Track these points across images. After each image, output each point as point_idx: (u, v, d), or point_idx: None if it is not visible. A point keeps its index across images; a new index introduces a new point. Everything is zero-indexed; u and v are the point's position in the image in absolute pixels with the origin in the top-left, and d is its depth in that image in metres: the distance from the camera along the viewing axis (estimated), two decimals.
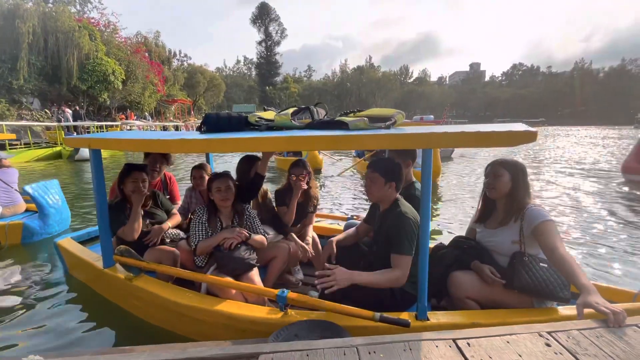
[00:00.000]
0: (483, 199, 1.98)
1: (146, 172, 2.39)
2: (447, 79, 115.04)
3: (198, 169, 2.84)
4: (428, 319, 1.58)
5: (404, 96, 77.83)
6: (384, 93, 73.92)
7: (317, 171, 11.24)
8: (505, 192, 1.81)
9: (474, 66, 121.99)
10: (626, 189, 6.87)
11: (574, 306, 1.63)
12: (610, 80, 75.27)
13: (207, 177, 2.72)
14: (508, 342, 1.19)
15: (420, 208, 1.55)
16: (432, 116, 17.17)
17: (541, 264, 1.69)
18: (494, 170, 1.83)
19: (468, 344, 1.18)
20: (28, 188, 3.81)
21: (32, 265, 3.28)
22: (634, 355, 1.09)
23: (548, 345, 1.16)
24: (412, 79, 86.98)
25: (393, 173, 1.86)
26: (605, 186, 7.19)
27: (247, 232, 2.13)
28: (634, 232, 4.19)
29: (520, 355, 1.11)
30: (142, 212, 2.36)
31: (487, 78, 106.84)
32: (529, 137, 1.18)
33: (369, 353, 1.14)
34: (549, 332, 1.23)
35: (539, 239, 1.68)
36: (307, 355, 1.14)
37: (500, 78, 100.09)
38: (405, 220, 1.76)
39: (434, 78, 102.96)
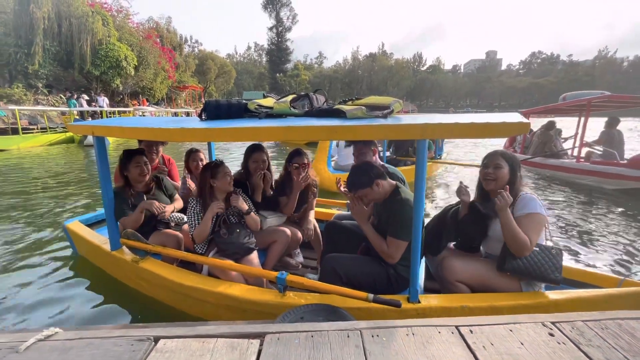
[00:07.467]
0: (479, 189, 2.00)
1: (145, 155, 2.45)
2: (462, 67, 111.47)
3: (193, 152, 2.90)
4: (419, 302, 1.64)
5: (417, 84, 76.18)
6: (396, 81, 72.54)
7: (314, 144, 11.21)
8: (504, 184, 1.82)
9: (490, 54, 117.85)
10: None
11: (562, 290, 1.76)
12: (635, 70, 71.81)
13: (204, 159, 2.84)
14: (511, 330, 1.20)
15: (414, 195, 1.58)
16: None
17: (534, 248, 1.72)
18: (494, 162, 1.83)
19: (471, 330, 1.20)
20: None
21: (42, 245, 3.43)
22: (639, 347, 1.09)
23: (551, 335, 1.17)
24: (425, 67, 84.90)
25: (369, 175, 1.83)
26: None
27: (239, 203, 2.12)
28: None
29: (522, 344, 1.12)
30: (145, 198, 2.40)
31: (504, 67, 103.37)
32: (522, 128, 1.25)
33: (372, 336, 1.17)
34: (552, 322, 1.23)
35: (519, 226, 1.70)
36: (312, 336, 1.18)
37: (517, 67, 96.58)
38: (407, 207, 1.77)
39: (448, 66, 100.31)
